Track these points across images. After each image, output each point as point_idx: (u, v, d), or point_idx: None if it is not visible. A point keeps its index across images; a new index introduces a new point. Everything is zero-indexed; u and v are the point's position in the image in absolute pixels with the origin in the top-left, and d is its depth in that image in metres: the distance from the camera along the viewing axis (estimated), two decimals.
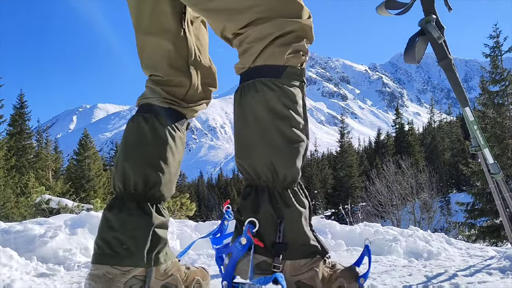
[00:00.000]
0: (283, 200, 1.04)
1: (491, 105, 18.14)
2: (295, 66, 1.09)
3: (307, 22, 1.11)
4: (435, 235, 3.63)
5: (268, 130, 1.05)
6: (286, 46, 1.08)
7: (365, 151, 58.11)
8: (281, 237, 1.02)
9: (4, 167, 18.47)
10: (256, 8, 1.07)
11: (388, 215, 24.10)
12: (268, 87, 1.06)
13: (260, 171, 1.05)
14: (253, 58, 1.08)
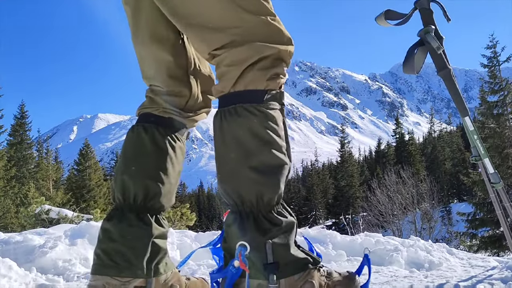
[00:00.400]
0: (269, 222, 1.04)
1: (491, 115, 18.18)
2: (275, 90, 1.09)
3: (286, 48, 1.11)
4: (436, 245, 3.61)
5: (252, 155, 1.04)
6: (265, 70, 1.07)
7: (366, 160, 58.08)
8: (270, 258, 1.02)
9: (4, 177, 18.46)
10: (233, 30, 1.07)
11: (389, 225, 23.99)
12: (250, 112, 1.04)
13: (245, 196, 1.04)
14: (232, 82, 1.07)
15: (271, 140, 1.05)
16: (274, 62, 1.09)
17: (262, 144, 1.04)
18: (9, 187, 18.53)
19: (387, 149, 46.25)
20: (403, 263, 2.98)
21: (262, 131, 1.05)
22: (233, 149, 1.05)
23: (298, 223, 1.14)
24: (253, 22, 1.08)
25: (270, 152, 1.04)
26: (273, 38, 1.09)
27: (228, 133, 1.06)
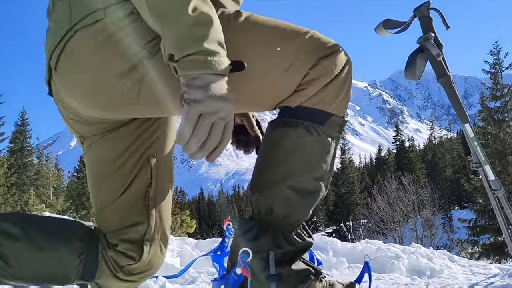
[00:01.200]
0: (285, 240, 1.04)
1: (492, 121, 18.20)
2: (339, 116, 1.06)
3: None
4: (437, 253, 3.60)
5: (294, 174, 1.03)
6: (337, 90, 1.04)
7: (366, 167, 57.99)
8: (273, 270, 1.01)
9: (4, 185, 18.45)
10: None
11: (390, 232, 23.89)
12: (309, 131, 1.01)
13: (275, 210, 1.03)
14: (305, 99, 1.01)
15: (317, 165, 1.04)
16: (344, 82, 1.05)
17: (307, 166, 1.03)
18: (9, 194, 18.51)
19: (388, 156, 46.22)
20: (404, 271, 2.97)
21: (312, 154, 1.03)
22: (279, 162, 1.04)
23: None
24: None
25: (311, 177, 1.04)
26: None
27: (278, 144, 1.04)
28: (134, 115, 1.09)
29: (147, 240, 1.16)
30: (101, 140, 1.15)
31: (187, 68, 0.82)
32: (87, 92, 1.00)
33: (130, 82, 0.95)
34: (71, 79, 1.01)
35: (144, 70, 0.94)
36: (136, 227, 1.15)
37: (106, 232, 1.16)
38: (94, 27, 0.93)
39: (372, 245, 3.77)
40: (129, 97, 0.97)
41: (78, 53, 0.97)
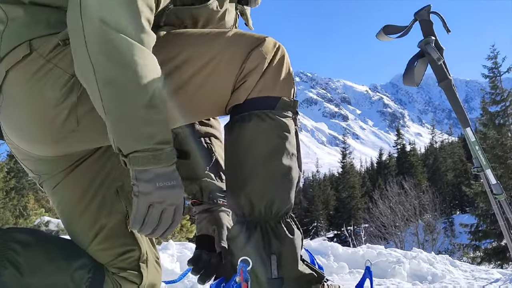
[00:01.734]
0: (275, 234, 1.02)
1: (492, 125, 18.20)
2: (287, 97, 1.08)
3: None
4: (439, 257, 3.58)
5: (262, 162, 1.03)
6: (275, 76, 1.08)
7: (367, 171, 57.92)
8: (275, 273, 1.00)
9: (4, 189, 18.43)
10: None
11: (391, 236, 23.84)
12: (261, 118, 1.04)
13: (256, 203, 1.02)
14: (248, 92, 1.05)
15: (281, 147, 1.04)
16: (280, 67, 1.08)
17: (271, 151, 1.03)
18: (8, 198, 18.49)
19: (389, 160, 46.20)
20: (405, 276, 2.95)
21: (273, 138, 1.03)
22: (244, 157, 1.04)
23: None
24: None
25: (279, 160, 1.03)
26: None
27: (239, 140, 1.05)
28: (82, 145, 1.09)
29: (143, 263, 1.18)
30: (62, 181, 1.16)
31: (135, 164, 0.87)
32: (29, 129, 1.02)
33: (67, 110, 0.97)
34: (12, 119, 1.02)
35: (78, 95, 0.96)
36: (129, 254, 1.16)
37: (103, 263, 1.16)
38: (22, 63, 0.96)
39: (373, 250, 3.75)
40: (69, 125, 0.98)
41: (13, 92, 0.99)
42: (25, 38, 0.97)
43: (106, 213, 1.16)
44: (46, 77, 0.96)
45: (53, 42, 0.96)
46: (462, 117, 1.44)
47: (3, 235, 1.08)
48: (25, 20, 1.00)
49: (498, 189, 1.51)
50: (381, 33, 1.47)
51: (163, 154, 0.88)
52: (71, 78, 0.96)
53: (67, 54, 0.94)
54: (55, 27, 0.98)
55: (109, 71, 0.86)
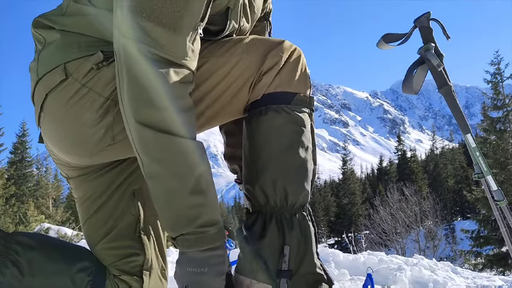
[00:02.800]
0: (290, 226, 1.04)
1: (493, 131, 18.20)
2: (303, 93, 1.12)
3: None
4: (440, 264, 3.56)
5: (277, 155, 1.06)
6: (292, 72, 1.12)
7: (368, 178, 57.81)
8: (285, 264, 1.01)
9: (4, 196, 18.41)
10: None
11: (392, 243, 23.73)
12: (277, 112, 1.08)
13: (270, 194, 1.05)
14: (265, 88, 1.10)
15: (297, 140, 1.07)
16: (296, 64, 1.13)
17: (288, 144, 1.06)
18: (8, 205, 18.46)
19: (389, 166, 46.12)
20: (407, 283, 2.93)
21: (288, 131, 1.07)
22: (259, 148, 1.08)
23: None
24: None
25: (294, 154, 1.06)
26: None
27: (256, 133, 1.09)
28: (115, 157, 1.14)
29: (146, 270, 1.20)
30: (85, 180, 1.21)
31: (182, 246, 0.93)
32: (67, 144, 1.08)
33: (103, 129, 1.03)
34: (52, 133, 1.09)
35: (114, 115, 1.01)
36: (133, 258, 1.19)
37: (106, 264, 1.19)
38: (60, 87, 1.02)
39: (374, 257, 3.74)
40: (105, 141, 1.04)
41: (53, 113, 1.05)
42: (60, 62, 1.02)
43: (119, 214, 1.20)
44: (82, 100, 1.01)
45: (87, 67, 1.00)
46: (463, 123, 1.44)
47: (6, 237, 1.10)
48: (59, 43, 1.05)
49: (499, 195, 1.51)
50: (381, 42, 1.48)
51: (206, 237, 0.92)
52: (106, 101, 1.01)
53: (101, 77, 1.00)
54: (86, 50, 1.02)
55: (151, 166, 0.92)
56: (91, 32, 1.04)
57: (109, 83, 1.00)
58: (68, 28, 1.06)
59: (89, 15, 1.05)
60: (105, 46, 1.02)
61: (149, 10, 0.87)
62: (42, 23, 1.10)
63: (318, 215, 42.77)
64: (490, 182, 1.51)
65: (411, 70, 1.40)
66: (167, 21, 0.88)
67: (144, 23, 0.87)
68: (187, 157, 0.92)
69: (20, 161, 23.93)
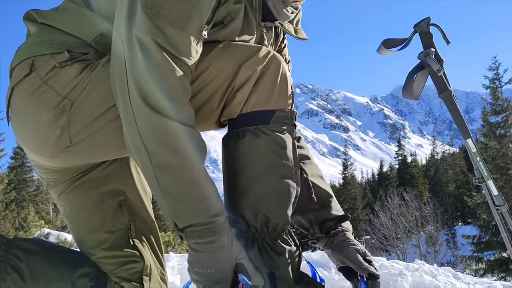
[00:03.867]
0: (273, 251, 1.02)
1: (493, 136, 18.20)
2: (283, 109, 1.06)
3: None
4: (441, 269, 3.55)
5: (257, 180, 1.02)
6: (270, 88, 1.06)
7: (368, 183, 57.78)
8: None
9: (4, 201, 18.40)
10: None
11: (393, 248, 23.67)
12: (255, 135, 1.02)
13: (251, 221, 1.02)
14: (241, 107, 1.05)
15: (278, 164, 1.03)
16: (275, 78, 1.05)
17: (267, 168, 1.02)
18: (8, 210, 18.45)
19: (390, 171, 46.11)
20: None
21: (268, 154, 1.02)
22: (238, 174, 1.04)
23: (301, 246, 1.11)
24: None
25: (275, 177, 1.02)
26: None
27: (233, 157, 1.05)
28: (79, 160, 1.12)
29: (146, 276, 1.19)
30: (67, 190, 1.20)
31: (191, 237, 0.92)
32: (31, 142, 1.07)
33: (59, 130, 1.00)
34: (19, 131, 1.08)
35: (68, 116, 1.00)
36: (132, 265, 1.18)
37: (105, 272, 1.18)
38: (24, 82, 1.02)
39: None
40: (63, 142, 1.02)
41: (17, 108, 1.05)
42: (29, 55, 1.03)
43: (110, 225, 1.18)
44: (41, 97, 1.00)
45: (51, 64, 1.00)
46: (463, 128, 1.44)
47: (8, 243, 1.10)
48: (34, 37, 1.07)
49: (500, 200, 1.51)
50: (382, 47, 1.49)
51: (217, 227, 0.92)
52: (63, 100, 0.99)
53: (62, 76, 1.00)
54: (57, 48, 1.03)
55: (164, 156, 0.89)
56: (68, 29, 1.05)
57: (69, 83, 0.99)
58: (49, 22, 1.07)
59: (71, 11, 1.07)
60: (75, 47, 1.03)
61: (159, 7, 0.89)
62: (31, 15, 1.11)
63: None
64: (491, 187, 1.51)
65: (411, 75, 1.40)
66: (175, 19, 0.90)
67: (155, 18, 0.89)
68: (198, 146, 0.92)
69: (20, 166, 23.94)
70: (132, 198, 1.25)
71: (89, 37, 1.05)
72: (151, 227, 1.29)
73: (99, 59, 1.03)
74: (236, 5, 1.05)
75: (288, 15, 1.18)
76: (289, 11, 1.16)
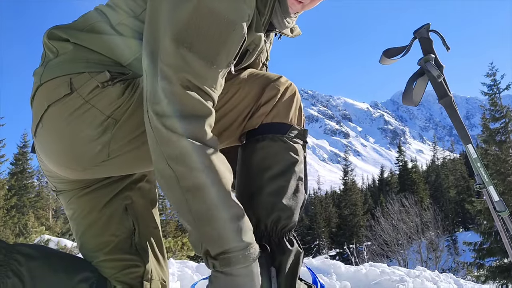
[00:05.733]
0: (279, 248, 1.06)
1: (493, 142, 18.19)
2: (298, 126, 1.20)
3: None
4: (443, 276, 3.53)
5: (272, 181, 1.10)
6: (288, 104, 1.21)
7: (369, 189, 57.73)
8: (275, 286, 1.03)
9: (4, 207, 18.38)
10: None
11: (394, 254, 23.57)
12: (274, 141, 1.14)
13: (263, 218, 1.08)
14: (262, 118, 1.17)
15: (291, 169, 1.12)
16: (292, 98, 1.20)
17: (282, 170, 1.11)
18: (8, 216, 18.42)
19: (390, 177, 46.06)
20: None
21: (283, 159, 1.12)
22: (255, 173, 1.12)
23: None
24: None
25: (288, 180, 1.11)
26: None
27: (251, 158, 1.14)
28: (106, 173, 1.15)
29: (147, 281, 1.21)
30: (75, 196, 1.22)
31: (226, 265, 0.90)
32: (62, 157, 1.08)
33: (100, 146, 1.04)
34: (48, 145, 1.10)
35: (112, 133, 1.03)
36: (133, 269, 1.20)
37: (106, 276, 1.20)
38: (63, 101, 1.03)
39: (376, 268, 3.71)
40: (100, 157, 1.05)
41: (53, 125, 1.06)
42: (66, 72, 1.05)
43: (114, 228, 1.21)
44: (84, 116, 1.03)
45: (93, 84, 1.03)
46: (463, 133, 1.44)
47: (8, 247, 1.11)
48: (70, 55, 1.08)
49: (501, 206, 1.50)
50: (383, 57, 1.50)
51: (251, 253, 0.92)
52: (107, 119, 1.03)
53: (105, 96, 1.03)
54: (94, 66, 1.06)
55: (194, 177, 0.90)
56: (103, 51, 1.08)
57: (112, 102, 1.03)
58: (83, 43, 1.09)
59: (106, 34, 1.09)
60: (112, 66, 1.06)
61: (191, 42, 0.92)
62: (57, 35, 1.12)
63: (319, 226, 42.57)
64: (492, 193, 1.50)
65: (411, 81, 1.41)
66: (206, 55, 0.93)
67: (185, 53, 0.91)
68: (225, 165, 0.96)
69: (21, 172, 23.94)
70: (138, 203, 1.27)
71: (125, 60, 1.08)
72: (155, 233, 1.30)
73: (139, 78, 1.07)
74: (258, 33, 1.10)
75: (288, 26, 1.24)
76: (289, 22, 1.22)
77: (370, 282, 3.28)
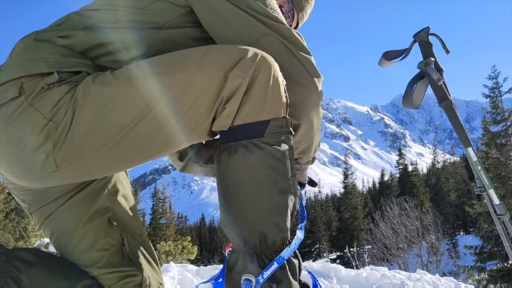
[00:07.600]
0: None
1: (494, 145, 18.20)
2: (278, 117, 0.98)
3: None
4: (444, 279, 3.52)
5: (252, 197, 0.97)
6: (262, 96, 1.00)
7: (369, 192, 57.62)
8: None
9: (4, 210, 18.35)
10: None
11: (395, 258, 23.52)
12: (249, 150, 0.96)
13: (247, 238, 0.97)
14: (232, 118, 0.97)
15: (273, 179, 0.97)
16: (271, 82, 0.97)
17: (262, 185, 0.97)
18: (8, 220, 18.38)
19: (391, 180, 45.97)
20: None
21: (263, 168, 0.96)
22: (233, 191, 0.99)
23: (302, 256, 1.10)
24: None
25: (271, 193, 0.97)
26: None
27: (227, 174, 0.99)
28: (66, 181, 1.07)
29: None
30: (56, 211, 1.16)
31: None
32: (12, 167, 1.02)
33: (44, 155, 0.95)
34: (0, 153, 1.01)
35: (53, 140, 0.94)
36: (131, 279, 1.17)
37: (105, 287, 1.17)
38: (10, 104, 0.96)
39: (377, 272, 3.70)
40: (49, 167, 0.97)
41: (0, 130, 0.98)
42: (18, 74, 0.97)
43: (103, 243, 1.16)
44: (26, 120, 0.95)
45: (39, 86, 0.95)
46: (463, 136, 1.45)
47: (8, 253, 1.08)
48: (24, 55, 1.01)
49: (502, 209, 1.50)
50: (383, 60, 1.50)
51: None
52: (48, 123, 0.94)
53: (50, 98, 0.94)
54: (53, 66, 0.98)
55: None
56: (70, 42, 1.03)
57: (55, 105, 0.94)
58: (55, 40, 1.03)
59: (83, 24, 1.06)
60: (67, 67, 0.99)
61: None
62: (31, 35, 1.08)
63: (320, 230, 42.48)
64: (492, 196, 1.50)
65: (411, 85, 1.41)
66: None
67: None
68: None
69: None
70: (120, 214, 1.22)
71: (95, 56, 1.04)
72: (142, 239, 1.28)
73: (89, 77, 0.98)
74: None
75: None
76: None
77: (371, 286, 3.27)
